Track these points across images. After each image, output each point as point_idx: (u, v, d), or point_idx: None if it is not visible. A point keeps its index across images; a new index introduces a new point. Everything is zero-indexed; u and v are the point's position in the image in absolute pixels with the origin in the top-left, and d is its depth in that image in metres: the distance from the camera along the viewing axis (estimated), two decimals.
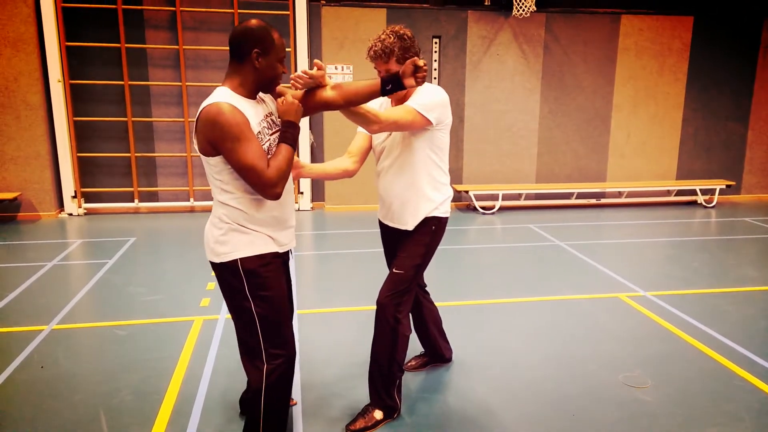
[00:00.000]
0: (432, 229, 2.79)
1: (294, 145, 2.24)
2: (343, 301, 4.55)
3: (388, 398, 2.83)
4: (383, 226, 3.03)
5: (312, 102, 2.41)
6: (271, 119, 2.30)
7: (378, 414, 2.82)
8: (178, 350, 3.62)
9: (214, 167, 2.18)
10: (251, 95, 2.24)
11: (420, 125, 2.61)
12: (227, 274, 2.28)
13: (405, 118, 2.54)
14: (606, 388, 3.19)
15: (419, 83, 2.36)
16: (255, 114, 2.21)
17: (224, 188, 2.21)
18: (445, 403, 3.05)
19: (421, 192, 2.75)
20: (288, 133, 2.24)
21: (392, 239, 2.96)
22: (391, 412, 2.86)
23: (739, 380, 3.28)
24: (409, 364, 3.38)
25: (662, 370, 3.40)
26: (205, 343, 3.73)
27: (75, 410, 2.94)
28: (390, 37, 2.57)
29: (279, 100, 2.27)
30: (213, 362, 3.47)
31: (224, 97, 2.14)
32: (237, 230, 2.24)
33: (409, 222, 2.78)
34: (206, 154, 2.16)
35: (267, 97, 2.39)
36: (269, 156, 2.20)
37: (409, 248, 2.78)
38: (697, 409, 3.00)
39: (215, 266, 2.31)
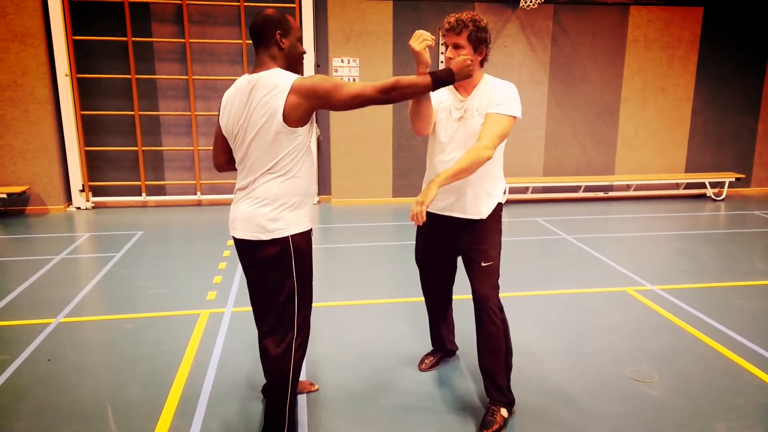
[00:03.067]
0: (500, 215, 2.85)
1: (434, 84, 2.38)
2: (349, 294, 4.55)
3: (509, 393, 2.83)
4: (439, 220, 2.86)
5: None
6: None
7: (504, 412, 2.78)
8: (184, 343, 3.63)
9: (286, 138, 2.23)
10: None
11: (512, 125, 2.67)
12: (276, 250, 2.32)
13: (503, 127, 2.60)
14: (612, 382, 3.18)
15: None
16: None
17: (290, 164, 2.28)
18: (451, 397, 3.04)
19: (493, 180, 2.78)
20: (439, 74, 2.41)
21: (449, 231, 2.86)
22: (512, 406, 2.84)
23: (747, 375, 3.26)
24: (423, 364, 3.35)
25: (669, 364, 3.38)
26: (212, 336, 3.75)
27: (82, 403, 2.96)
28: (467, 15, 2.64)
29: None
30: (219, 355, 3.48)
31: (290, 74, 2.26)
32: (290, 207, 2.33)
33: (483, 210, 2.77)
34: (300, 124, 2.24)
35: None
36: None
37: (488, 238, 2.78)
38: (704, 403, 2.98)
39: (258, 244, 2.32)
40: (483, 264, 2.75)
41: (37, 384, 3.14)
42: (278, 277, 2.36)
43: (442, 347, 3.39)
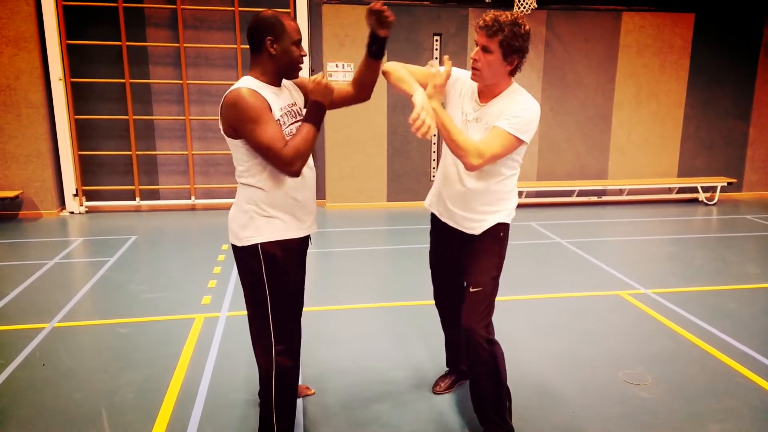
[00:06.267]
0: (501, 235, 2.57)
1: (317, 125, 2.28)
2: (344, 298, 4.55)
3: (503, 423, 2.61)
4: (441, 225, 2.72)
5: (336, 98, 2.50)
6: (296, 109, 2.37)
7: None
8: (179, 348, 3.62)
9: (239, 148, 2.25)
10: (274, 83, 2.31)
11: (515, 148, 2.39)
12: (248, 258, 2.33)
13: (504, 146, 2.33)
14: (606, 386, 3.19)
15: (389, 25, 2.30)
16: (277, 101, 2.27)
17: (248, 170, 2.28)
18: (444, 400, 3.05)
19: (496, 197, 2.53)
20: (313, 114, 2.29)
21: (451, 240, 2.68)
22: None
23: (740, 377, 3.28)
24: (438, 387, 3.13)
25: (663, 367, 3.40)
26: (207, 340, 3.74)
27: (77, 408, 2.95)
28: (508, 17, 2.29)
29: (311, 78, 2.30)
30: (214, 360, 3.47)
31: (246, 83, 2.23)
32: (259, 213, 2.30)
33: (476, 228, 2.55)
34: (230, 137, 2.24)
35: (293, 88, 2.45)
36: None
37: (482, 261, 2.54)
38: (697, 406, 3.00)
39: (236, 250, 2.36)
40: (471, 289, 2.53)
41: (32, 389, 3.13)
42: (250, 285, 2.37)
43: (457, 368, 3.15)
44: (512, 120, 2.32)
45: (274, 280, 2.33)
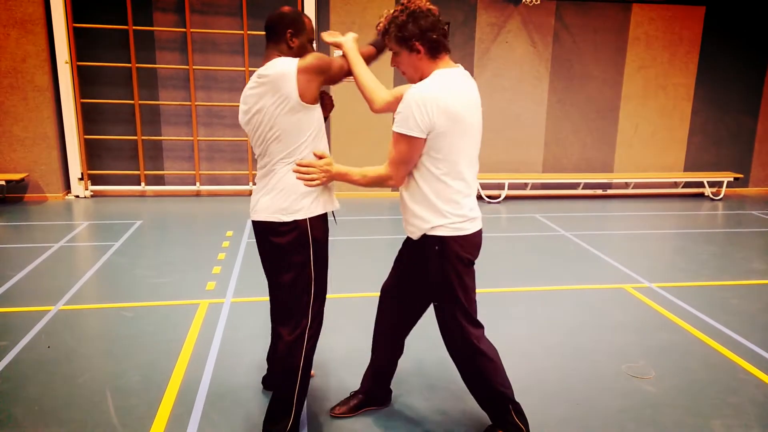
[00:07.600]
0: (435, 249, 2.30)
1: (379, 48, 2.57)
2: (348, 287, 4.56)
3: (507, 420, 2.53)
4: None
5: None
6: None
7: None
8: (184, 333, 3.64)
9: (314, 113, 2.34)
10: None
11: (420, 146, 2.22)
12: (294, 234, 2.36)
13: (399, 150, 2.26)
14: (610, 378, 3.20)
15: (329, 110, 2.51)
16: None
17: (309, 141, 2.35)
18: (448, 393, 3.05)
19: (420, 207, 2.32)
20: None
21: (410, 252, 2.57)
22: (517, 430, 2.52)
23: (743, 373, 3.28)
24: (335, 409, 2.81)
25: (666, 361, 3.40)
26: (211, 325, 3.75)
27: (81, 390, 2.97)
28: (388, 15, 2.29)
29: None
30: (218, 345, 3.49)
31: (290, 58, 2.32)
32: (308, 193, 2.37)
33: (411, 233, 2.42)
34: (315, 101, 2.33)
35: None
36: None
37: (424, 272, 2.42)
38: (700, 400, 3.00)
39: (278, 227, 2.36)
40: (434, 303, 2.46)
41: (37, 371, 3.15)
42: (297, 263, 2.39)
43: (373, 389, 2.85)
44: (396, 118, 2.24)
45: (317, 255, 2.43)
